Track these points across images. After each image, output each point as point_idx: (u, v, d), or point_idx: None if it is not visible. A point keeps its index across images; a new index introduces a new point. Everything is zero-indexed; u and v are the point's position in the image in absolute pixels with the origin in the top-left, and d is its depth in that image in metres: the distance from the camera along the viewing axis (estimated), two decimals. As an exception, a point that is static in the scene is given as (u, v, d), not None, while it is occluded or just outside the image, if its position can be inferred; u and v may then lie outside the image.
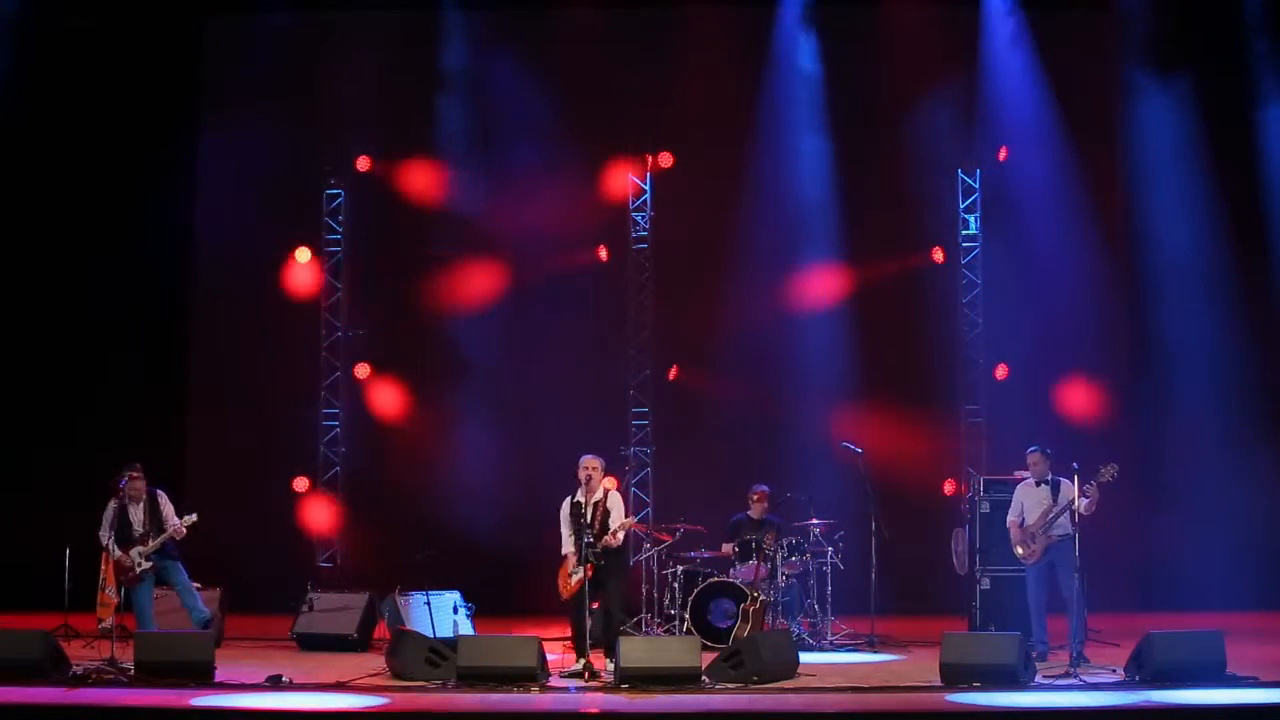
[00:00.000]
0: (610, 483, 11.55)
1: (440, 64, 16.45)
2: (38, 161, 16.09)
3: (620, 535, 11.11)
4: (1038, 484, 11.80)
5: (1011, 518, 11.93)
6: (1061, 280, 15.97)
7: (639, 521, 14.77)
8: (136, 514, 11.59)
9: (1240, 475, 15.30)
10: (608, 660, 10.78)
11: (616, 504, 11.25)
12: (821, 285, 16.36)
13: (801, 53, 16.35)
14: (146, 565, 11.51)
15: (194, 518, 11.72)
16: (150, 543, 11.49)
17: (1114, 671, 10.55)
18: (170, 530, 11.56)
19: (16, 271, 16.22)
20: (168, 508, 11.71)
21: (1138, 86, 16.08)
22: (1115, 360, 16.22)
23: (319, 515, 16.47)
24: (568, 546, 11.13)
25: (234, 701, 9.49)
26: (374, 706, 9.51)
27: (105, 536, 11.60)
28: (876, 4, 16.24)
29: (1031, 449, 11.86)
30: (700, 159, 16.53)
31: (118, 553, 11.55)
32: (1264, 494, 15.30)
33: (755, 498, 13.24)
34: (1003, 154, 16.18)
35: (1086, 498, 11.17)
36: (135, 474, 11.68)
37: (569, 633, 11.18)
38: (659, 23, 16.37)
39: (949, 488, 15.92)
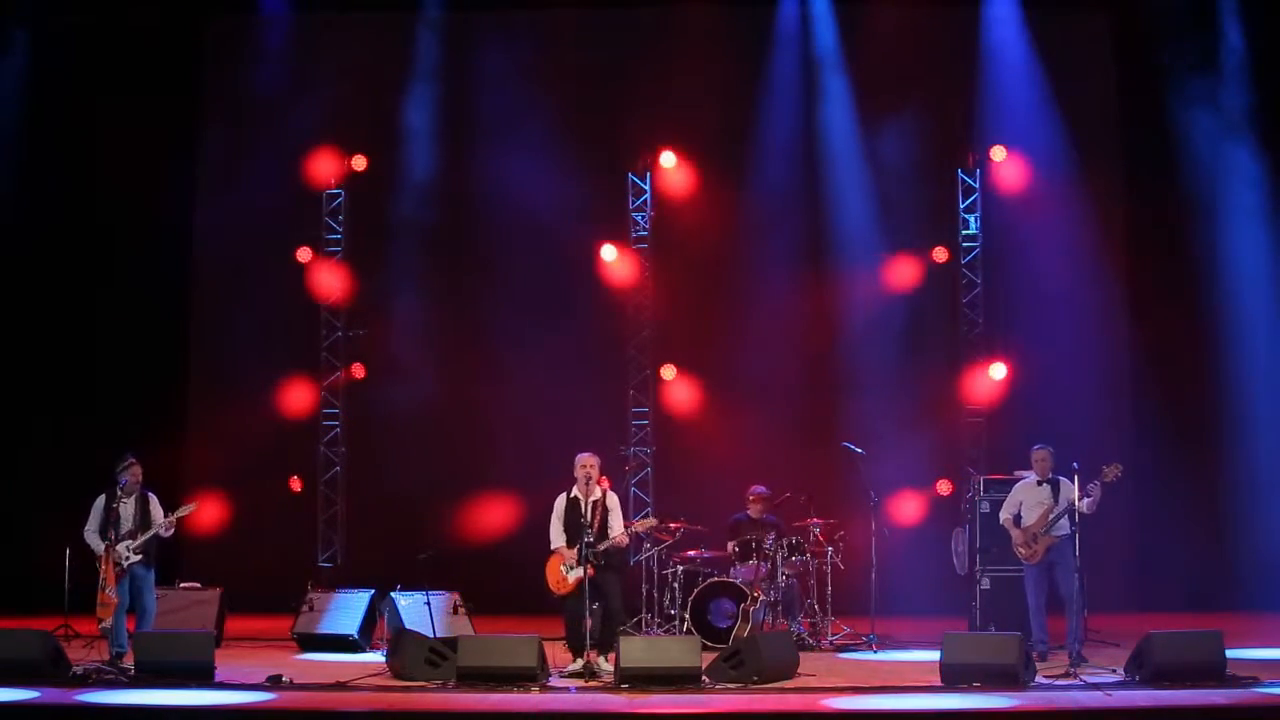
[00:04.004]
0: (604, 482, 11.59)
1: (440, 64, 16.46)
2: (38, 161, 16.09)
3: (627, 535, 11.19)
4: (1039, 483, 11.80)
5: (1005, 515, 11.93)
6: (1062, 280, 15.96)
7: (641, 519, 14.78)
8: (128, 508, 11.52)
9: (1241, 474, 15.31)
10: (602, 658, 10.79)
11: (615, 504, 11.30)
12: (821, 285, 16.35)
13: (802, 53, 16.36)
14: (135, 559, 11.43)
15: (192, 507, 11.67)
16: (139, 538, 11.42)
17: (1114, 671, 10.55)
18: (157, 527, 11.47)
19: (15, 272, 16.20)
20: (157, 510, 11.63)
21: (1138, 85, 16.10)
22: (1115, 359, 16.21)
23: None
24: (558, 541, 11.16)
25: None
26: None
27: (92, 535, 11.50)
28: (877, 3, 16.24)
29: (1039, 446, 11.84)
30: (700, 159, 16.54)
31: (98, 546, 11.41)
32: (1266, 493, 15.30)
33: (753, 499, 13.24)
34: (1001, 153, 16.18)
35: (1089, 497, 11.18)
36: (133, 462, 11.65)
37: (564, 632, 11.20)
38: (660, 22, 16.36)
39: (946, 488, 15.92)
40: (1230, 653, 10.21)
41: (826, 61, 16.32)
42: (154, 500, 11.68)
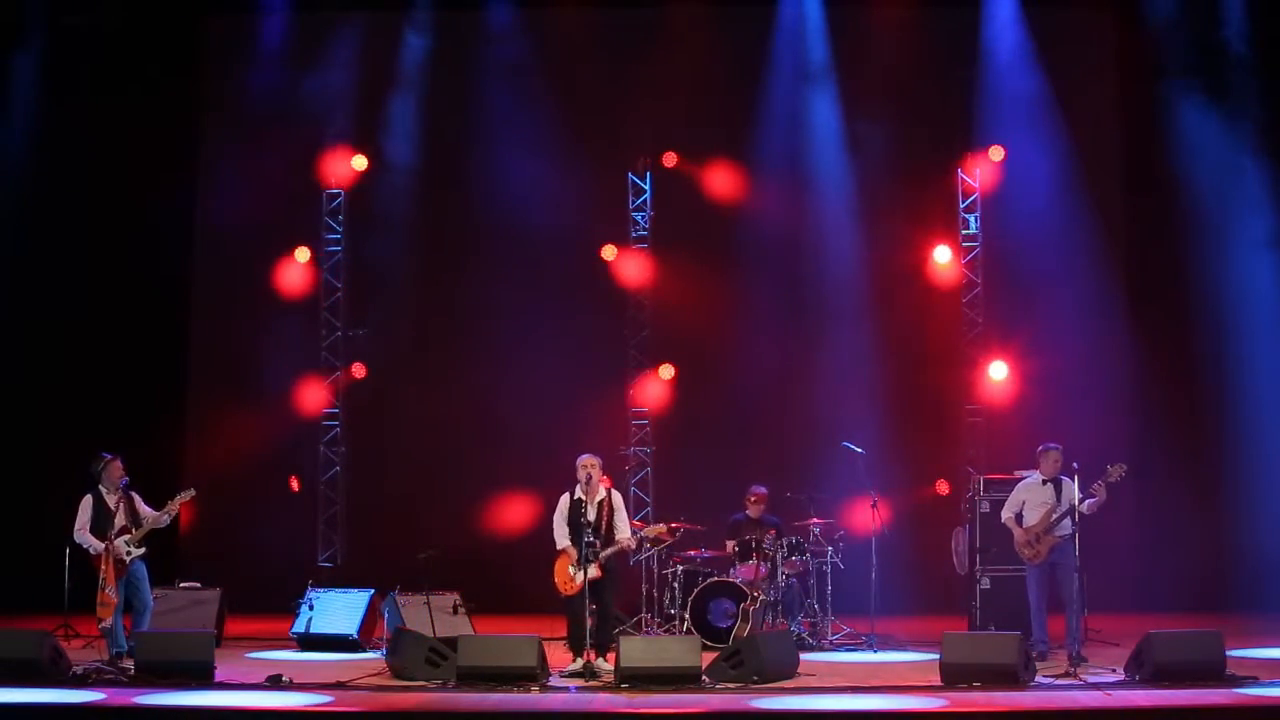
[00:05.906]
0: (605, 481, 11.58)
1: (440, 63, 16.46)
2: (38, 160, 16.08)
3: (635, 539, 11.22)
4: (1044, 482, 11.79)
5: (1007, 514, 11.93)
6: (1062, 280, 15.96)
7: (653, 526, 14.79)
8: (119, 505, 11.49)
9: (1241, 474, 15.30)
10: (601, 658, 10.79)
11: (620, 502, 11.32)
12: (820, 284, 16.33)
13: (801, 52, 16.36)
14: (138, 552, 11.43)
15: (191, 493, 11.64)
16: (135, 531, 11.40)
17: (1114, 671, 10.56)
18: (157, 517, 11.43)
19: (15, 272, 16.19)
20: (143, 505, 11.60)
21: (1139, 85, 16.09)
22: (1115, 359, 16.20)
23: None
24: (563, 542, 11.16)
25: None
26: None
27: (85, 534, 11.47)
28: (876, 3, 16.23)
29: (1050, 446, 11.81)
30: (701, 158, 16.54)
31: (98, 545, 11.38)
32: (1266, 493, 15.29)
33: (753, 499, 13.24)
34: (1000, 153, 16.19)
35: (1093, 498, 11.18)
36: (112, 458, 11.61)
37: (565, 632, 11.19)
38: (659, 21, 16.35)
39: (944, 488, 15.91)
40: (1230, 653, 10.22)
41: (826, 61, 16.30)
42: (137, 497, 11.65)
